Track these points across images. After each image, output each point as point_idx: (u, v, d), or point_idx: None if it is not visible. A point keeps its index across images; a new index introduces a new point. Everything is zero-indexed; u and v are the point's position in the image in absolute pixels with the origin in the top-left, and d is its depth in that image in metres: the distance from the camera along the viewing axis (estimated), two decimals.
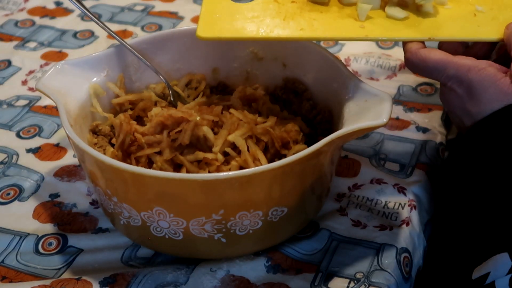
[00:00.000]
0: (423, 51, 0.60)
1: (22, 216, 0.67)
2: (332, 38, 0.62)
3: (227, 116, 0.62)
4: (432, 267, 0.64)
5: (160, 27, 1.00)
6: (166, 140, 0.60)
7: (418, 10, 0.63)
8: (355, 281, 0.59)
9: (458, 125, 0.62)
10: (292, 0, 0.65)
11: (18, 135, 0.79)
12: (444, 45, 0.63)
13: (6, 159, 0.75)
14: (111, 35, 0.69)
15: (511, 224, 0.53)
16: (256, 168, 0.53)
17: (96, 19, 0.69)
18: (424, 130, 0.78)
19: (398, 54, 0.91)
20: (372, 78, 0.87)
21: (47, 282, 0.59)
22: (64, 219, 0.67)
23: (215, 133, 0.61)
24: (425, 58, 0.59)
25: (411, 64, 0.60)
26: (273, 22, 0.62)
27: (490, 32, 0.61)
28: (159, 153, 0.60)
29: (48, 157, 0.75)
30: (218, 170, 0.59)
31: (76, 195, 0.70)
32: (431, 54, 0.59)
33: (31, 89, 0.87)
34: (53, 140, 0.78)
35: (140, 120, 0.67)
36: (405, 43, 0.61)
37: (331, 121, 0.66)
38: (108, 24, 0.98)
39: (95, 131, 0.66)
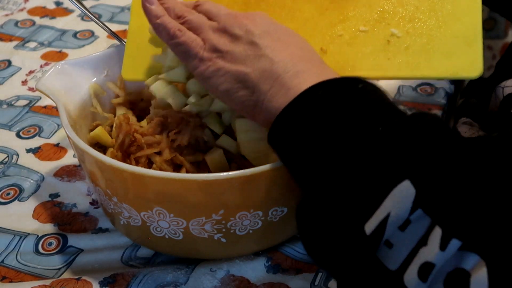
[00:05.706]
0: None
1: (22, 216, 0.67)
2: None
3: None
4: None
5: None
6: (166, 141, 0.60)
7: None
8: None
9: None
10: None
11: (18, 135, 0.79)
12: None
13: (6, 159, 0.75)
14: (111, 35, 0.69)
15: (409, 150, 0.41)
16: (256, 168, 0.53)
17: (96, 19, 0.69)
18: None
19: None
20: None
21: (47, 282, 0.59)
22: (64, 219, 0.67)
23: None
24: None
25: None
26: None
27: (400, 67, 0.55)
28: (159, 153, 0.60)
29: (48, 157, 0.75)
30: None
31: (76, 195, 0.70)
32: None
33: (31, 89, 0.87)
34: (53, 140, 0.78)
35: (140, 120, 0.67)
36: None
37: None
38: (108, 24, 0.98)
39: None
